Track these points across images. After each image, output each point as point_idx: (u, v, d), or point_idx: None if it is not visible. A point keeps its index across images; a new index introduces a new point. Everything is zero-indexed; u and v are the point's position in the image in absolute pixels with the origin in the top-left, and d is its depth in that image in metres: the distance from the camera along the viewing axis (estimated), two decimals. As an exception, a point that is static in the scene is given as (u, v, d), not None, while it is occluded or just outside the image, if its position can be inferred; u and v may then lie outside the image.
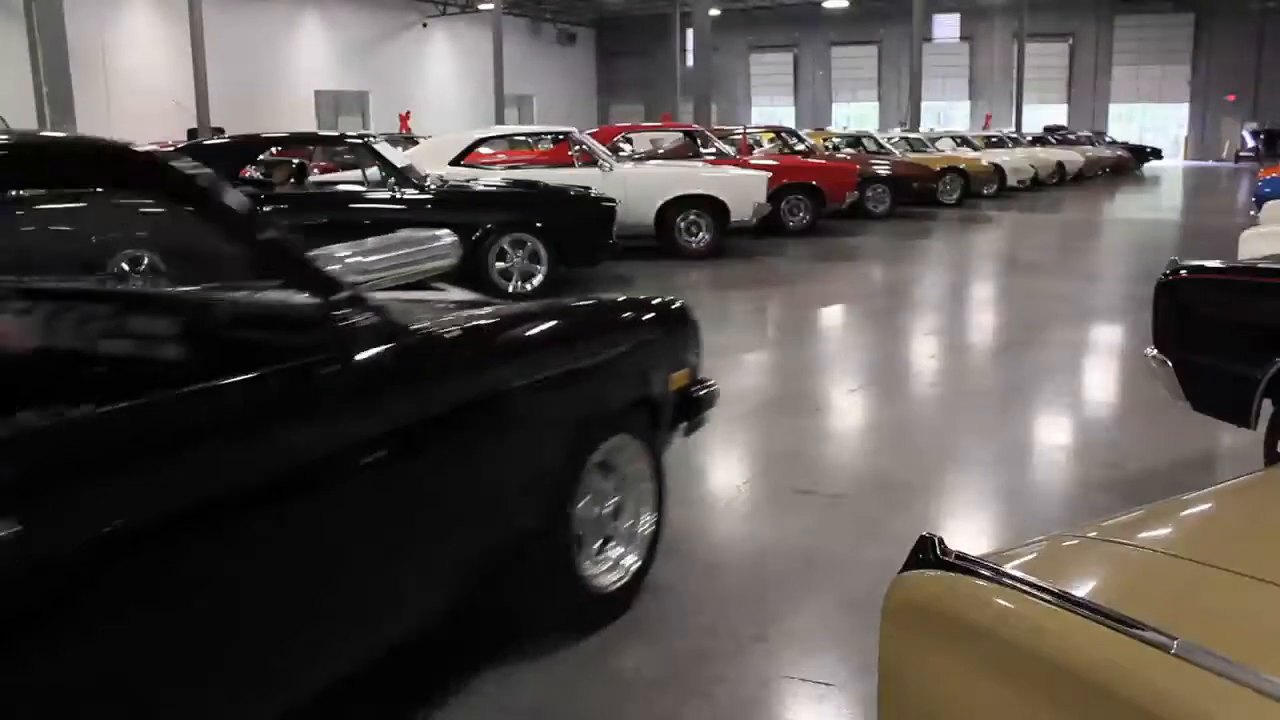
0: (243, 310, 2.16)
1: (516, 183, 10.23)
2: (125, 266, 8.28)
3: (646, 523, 3.13)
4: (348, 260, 2.25)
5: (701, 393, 3.35)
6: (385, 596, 2.22)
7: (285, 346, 2.00)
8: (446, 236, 2.79)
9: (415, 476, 2.20)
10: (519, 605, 2.89)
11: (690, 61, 26.61)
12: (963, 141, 23.33)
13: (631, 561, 3.07)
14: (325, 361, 2.00)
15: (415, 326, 2.29)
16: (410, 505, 2.21)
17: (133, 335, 2.09)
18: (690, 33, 25.65)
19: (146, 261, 8.26)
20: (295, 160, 11.80)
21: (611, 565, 3.02)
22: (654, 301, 3.32)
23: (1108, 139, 33.16)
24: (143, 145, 2.04)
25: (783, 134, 18.64)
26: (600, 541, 2.99)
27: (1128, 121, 41.84)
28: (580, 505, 2.81)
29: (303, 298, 2.03)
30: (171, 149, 14.09)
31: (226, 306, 2.20)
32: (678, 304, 3.40)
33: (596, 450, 2.86)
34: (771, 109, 47.33)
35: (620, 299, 3.35)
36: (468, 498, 2.43)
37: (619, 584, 3.01)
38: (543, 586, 2.80)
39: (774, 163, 14.22)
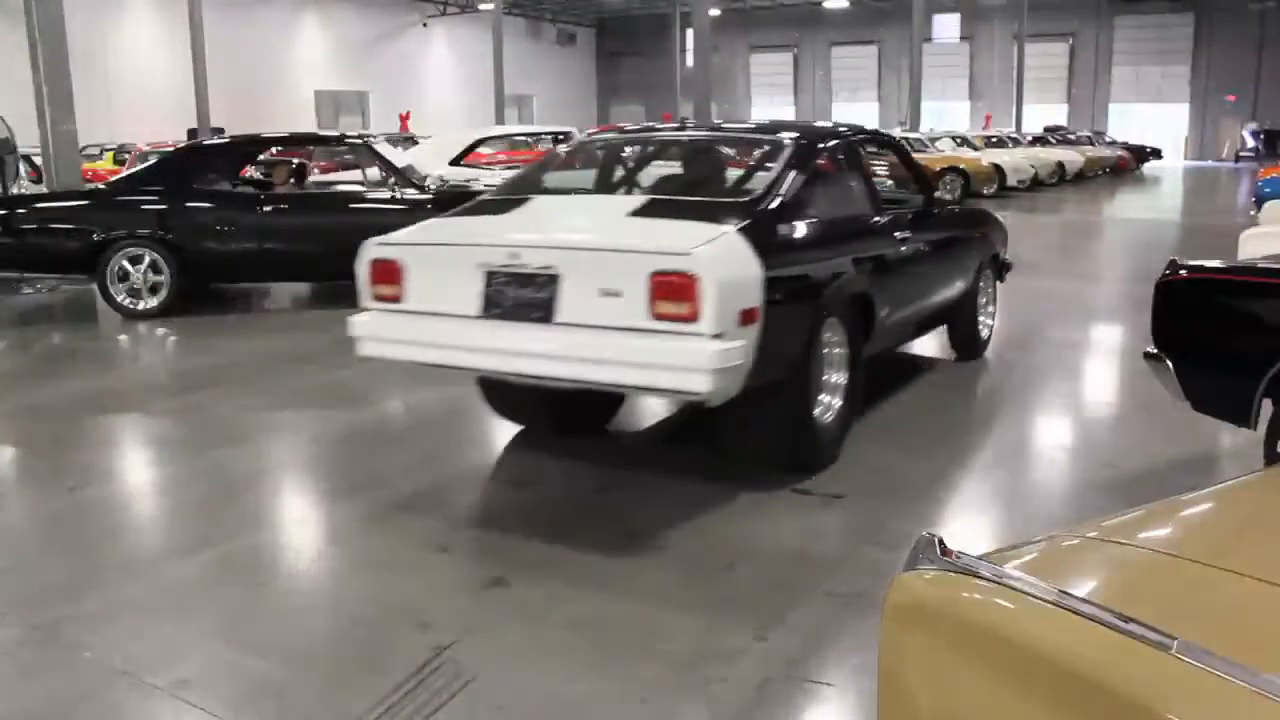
0: (911, 195, 6.07)
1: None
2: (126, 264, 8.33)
3: (993, 312, 6.74)
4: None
5: (1007, 262, 6.94)
6: (949, 282, 5.84)
7: (924, 206, 5.76)
8: None
9: (944, 252, 5.75)
10: (959, 339, 6.41)
11: (690, 61, 26.58)
12: (963, 141, 23.32)
13: (992, 326, 6.70)
14: (929, 210, 5.72)
15: (946, 207, 6.28)
16: (948, 261, 5.82)
17: (901, 203, 5.87)
18: (690, 33, 25.62)
19: (147, 259, 8.28)
20: (295, 160, 11.80)
21: (983, 326, 6.54)
22: (994, 211, 7.08)
23: (1108, 139, 33.14)
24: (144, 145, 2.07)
25: (783, 134, 18.62)
26: (980, 315, 6.45)
27: (1128, 121, 41.80)
28: (977, 294, 6.34)
29: (919, 196, 5.91)
30: (172, 149, 13.92)
31: (913, 195, 5.99)
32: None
33: (982, 276, 6.36)
34: (771, 109, 47.30)
35: (984, 209, 7.25)
36: (955, 268, 5.93)
37: (985, 340, 6.62)
38: (968, 327, 6.36)
39: (774, 163, 14.18)
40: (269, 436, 5.17)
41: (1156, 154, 34.73)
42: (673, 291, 3.48)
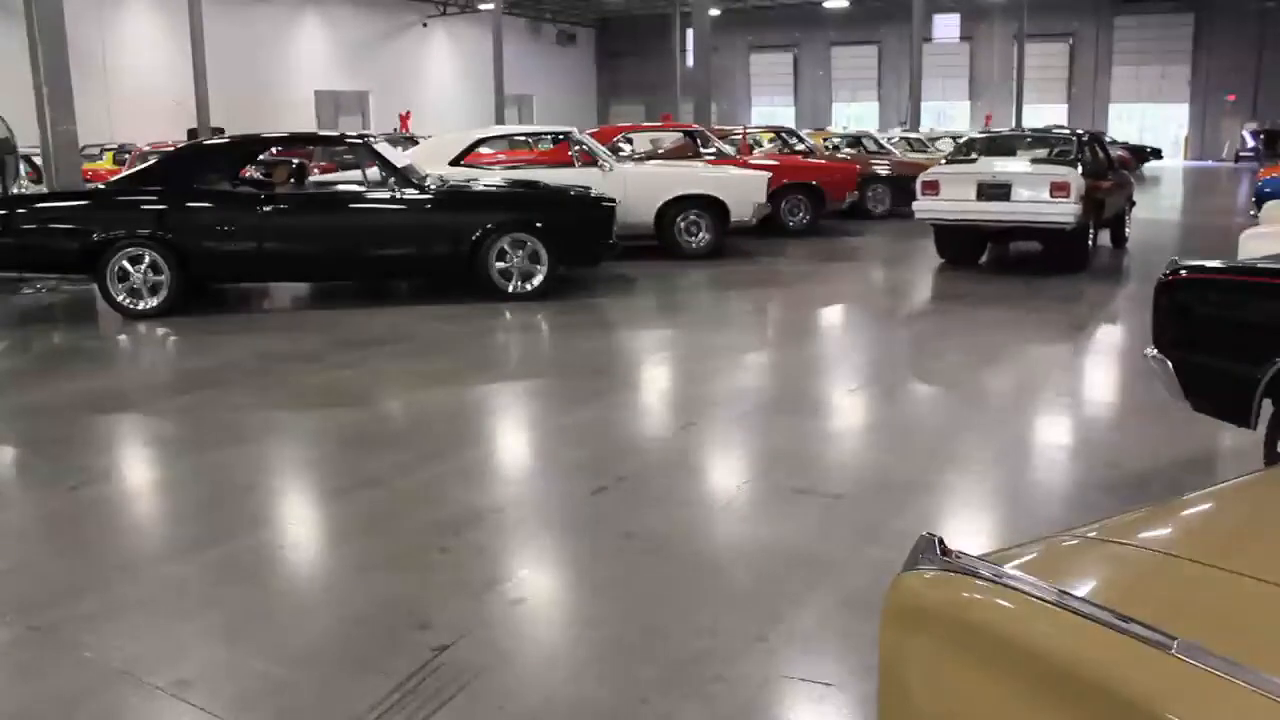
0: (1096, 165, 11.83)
1: (516, 183, 10.22)
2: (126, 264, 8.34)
3: (1130, 224, 13.35)
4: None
5: (1134, 200, 13.81)
6: (1119, 203, 12.25)
7: (1109, 166, 12.15)
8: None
9: (1118, 189, 12.07)
10: (1116, 237, 12.82)
11: (690, 61, 26.57)
12: (963, 141, 23.28)
13: (1130, 230, 13.28)
14: (1112, 168, 12.26)
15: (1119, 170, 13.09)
16: (1119, 194, 12.13)
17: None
18: (690, 33, 25.61)
19: (147, 259, 8.29)
20: (295, 160, 11.81)
21: (1127, 230, 13.03)
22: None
23: (1108, 139, 33.09)
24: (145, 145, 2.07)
25: (783, 134, 18.63)
26: (1125, 226, 13.02)
27: (1128, 121, 41.77)
28: (1124, 212, 12.89)
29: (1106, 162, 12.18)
30: (172, 149, 13.89)
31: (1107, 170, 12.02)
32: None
33: (1126, 204, 12.92)
34: (771, 109, 47.28)
35: (1126, 172, 14.21)
36: (1120, 197, 12.26)
37: (1127, 238, 13.08)
38: (1121, 230, 12.81)
39: (774, 163, 14.22)
40: (269, 436, 5.18)
41: (1156, 154, 34.70)
42: (1060, 188, 9.76)
